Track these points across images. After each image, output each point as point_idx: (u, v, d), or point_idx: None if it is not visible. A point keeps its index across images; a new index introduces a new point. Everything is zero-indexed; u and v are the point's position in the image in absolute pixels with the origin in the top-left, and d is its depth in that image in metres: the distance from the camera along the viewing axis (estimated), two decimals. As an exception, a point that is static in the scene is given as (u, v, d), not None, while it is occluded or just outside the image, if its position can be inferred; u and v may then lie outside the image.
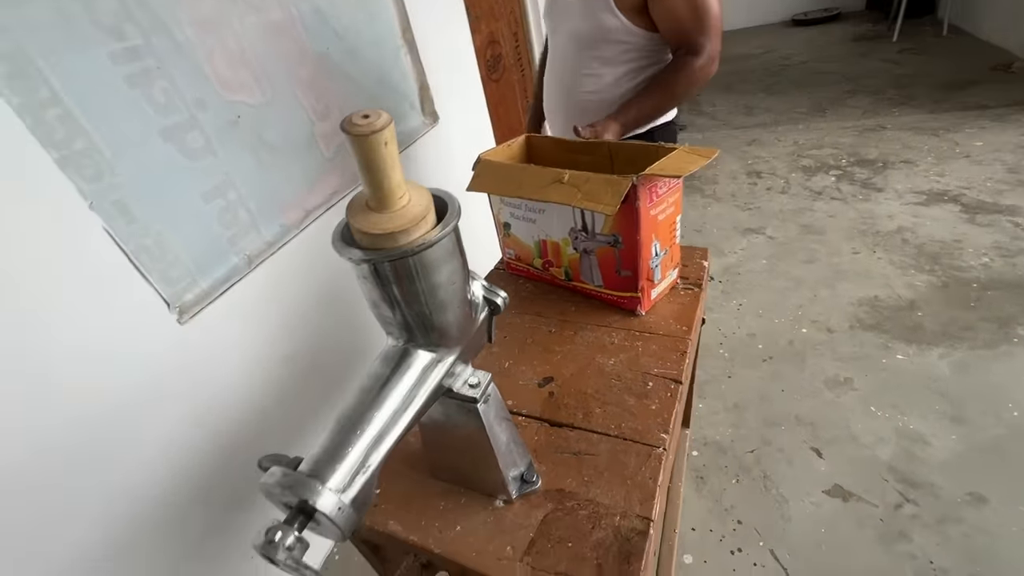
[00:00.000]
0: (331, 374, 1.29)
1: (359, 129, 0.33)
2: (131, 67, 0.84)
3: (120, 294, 0.82)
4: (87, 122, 0.78)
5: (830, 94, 3.47)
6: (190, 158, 0.93)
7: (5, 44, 0.68)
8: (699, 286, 0.86)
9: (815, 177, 2.56)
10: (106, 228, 0.80)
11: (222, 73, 0.99)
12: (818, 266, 1.97)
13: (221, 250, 1.00)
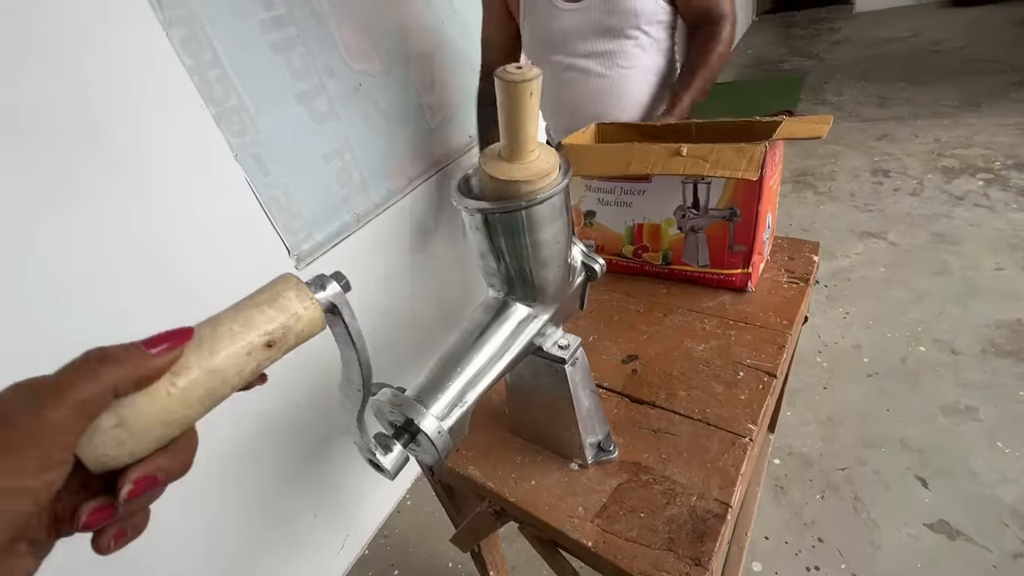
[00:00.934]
0: (422, 329, 1.37)
1: (512, 76, 0.35)
2: (276, 35, 0.93)
3: (251, 238, 0.93)
4: (239, 83, 0.88)
5: (989, 86, 2.99)
6: (317, 121, 1.02)
7: (183, 11, 0.79)
8: (806, 281, 0.80)
9: (957, 180, 2.24)
10: (246, 178, 0.91)
11: (349, 42, 1.07)
12: (949, 279, 1.73)
13: (335, 207, 1.09)
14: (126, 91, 0.73)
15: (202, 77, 0.83)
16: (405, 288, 1.30)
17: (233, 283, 0.90)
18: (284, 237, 0.99)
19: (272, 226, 0.96)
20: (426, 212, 1.34)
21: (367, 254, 1.18)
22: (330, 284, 0.28)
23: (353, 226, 1.13)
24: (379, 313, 1.23)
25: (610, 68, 1.02)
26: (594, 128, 0.89)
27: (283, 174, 0.98)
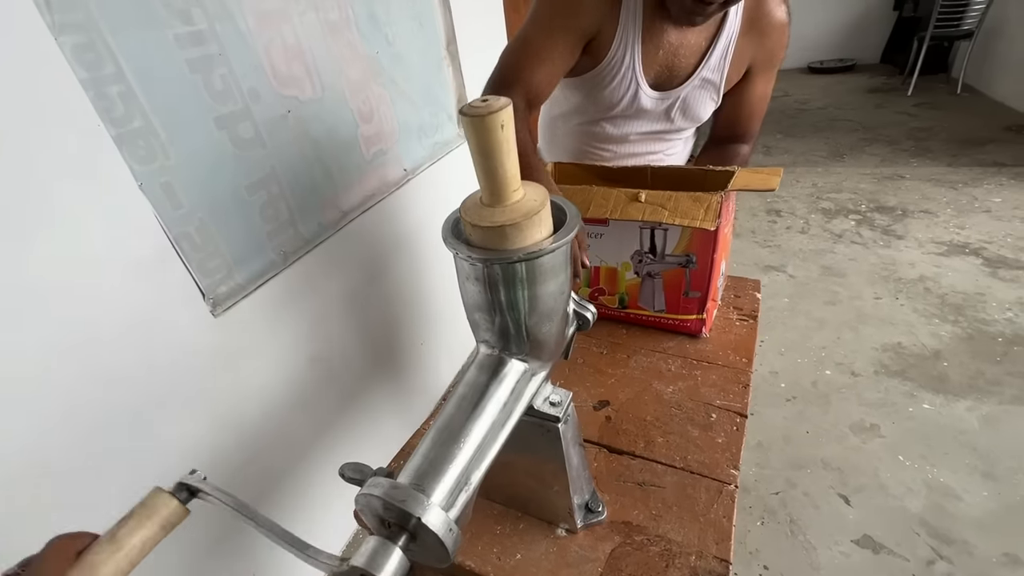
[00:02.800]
0: (353, 380, 1.25)
1: (476, 110, 0.32)
2: (194, 51, 0.82)
3: (158, 280, 0.79)
4: (147, 102, 0.76)
5: (848, 140, 3.51)
6: (240, 148, 0.91)
7: (78, 15, 0.67)
8: (754, 318, 0.84)
9: (835, 220, 2.57)
10: (154, 211, 0.78)
11: (277, 66, 0.98)
12: (841, 308, 1.95)
13: (259, 244, 0.97)
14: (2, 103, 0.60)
15: (99, 92, 0.70)
16: (334, 331, 1.19)
17: (142, 331, 0.76)
18: (198, 279, 0.85)
19: (184, 266, 0.83)
20: (360, 248, 1.25)
21: (295, 295, 1.06)
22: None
23: (280, 265, 1.01)
24: (306, 359, 1.10)
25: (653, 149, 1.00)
26: (551, 167, 0.88)
27: (198, 207, 0.85)
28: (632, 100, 0.87)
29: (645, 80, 0.84)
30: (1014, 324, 1.75)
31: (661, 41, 0.81)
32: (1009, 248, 2.16)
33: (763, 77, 0.90)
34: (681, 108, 0.89)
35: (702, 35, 0.82)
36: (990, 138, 3.22)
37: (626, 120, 0.92)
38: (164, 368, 0.81)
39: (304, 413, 1.10)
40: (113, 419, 0.74)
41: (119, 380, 0.74)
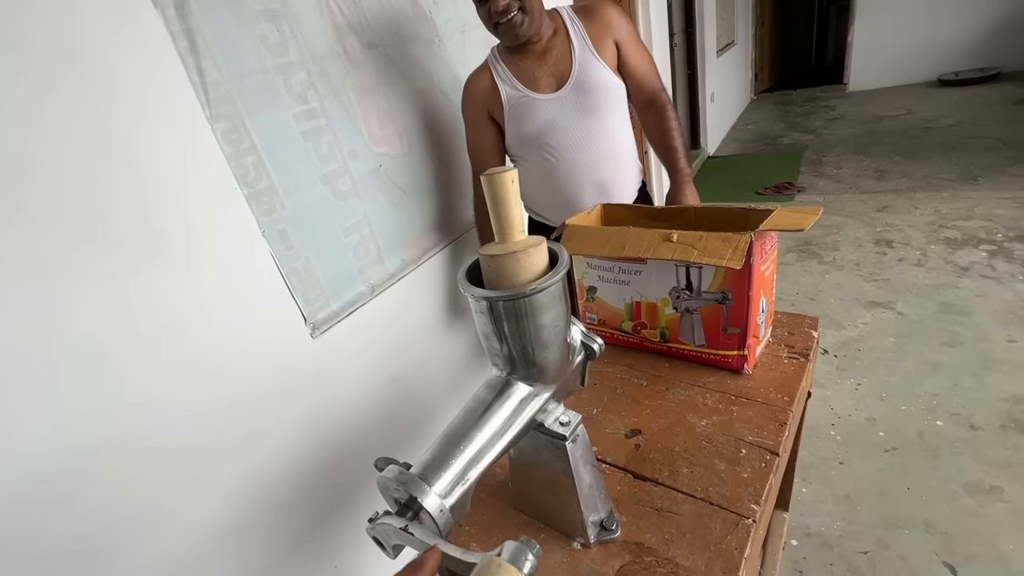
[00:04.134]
0: (425, 399, 1.38)
1: (494, 172, 0.44)
2: (308, 125, 1.03)
3: (271, 307, 0.98)
4: (271, 167, 0.97)
5: (985, 160, 3.09)
6: (339, 198, 1.10)
7: (228, 107, 0.89)
8: (806, 356, 0.82)
9: (961, 251, 2.27)
10: (271, 252, 0.97)
11: (372, 129, 1.18)
12: (961, 351, 1.72)
13: (351, 277, 1.15)
14: (171, 175, 0.81)
15: (239, 163, 0.91)
16: (413, 355, 1.33)
17: (251, 347, 0.95)
18: (302, 307, 1.04)
19: (292, 296, 1.02)
20: (438, 281, 1.40)
21: (380, 322, 1.22)
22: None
23: (367, 296, 1.18)
24: (385, 378, 1.25)
25: (597, 139, 1.17)
26: (599, 209, 0.95)
27: (305, 247, 1.04)
28: (538, 113, 1.15)
29: (539, 93, 1.14)
30: None
31: (533, 69, 1.14)
32: None
33: (634, 45, 1.17)
34: (578, 84, 1.13)
35: (559, 47, 1.14)
36: None
37: (548, 127, 1.15)
38: (273, 375, 0.99)
39: (382, 423, 1.24)
40: (234, 412, 0.92)
41: (240, 380, 0.93)
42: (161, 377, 0.81)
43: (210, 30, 0.85)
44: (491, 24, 1.09)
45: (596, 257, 0.86)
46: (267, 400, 0.98)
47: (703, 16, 3.83)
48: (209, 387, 0.88)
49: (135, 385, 0.78)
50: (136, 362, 0.78)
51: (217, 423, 0.89)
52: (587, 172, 1.19)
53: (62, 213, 0.69)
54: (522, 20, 1.06)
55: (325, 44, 1.05)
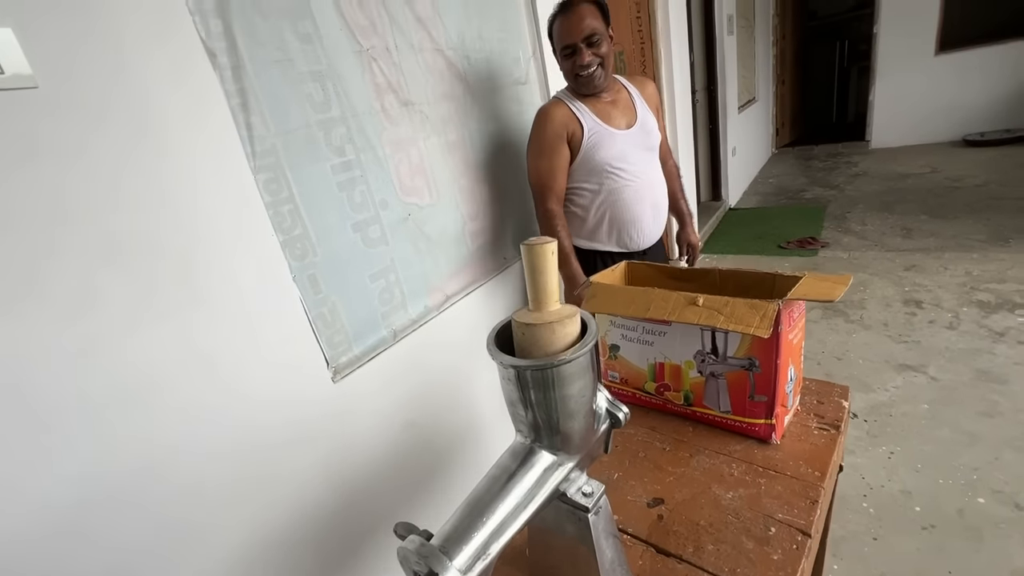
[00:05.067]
0: (440, 447, 1.36)
1: (535, 242, 0.45)
2: (344, 176, 1.08)
3: (297, 350, 1.00)
4: (306, 215, 1.01)
5: (1016, 222, 3.04)
6: (368, 246, 1.14)
7: (271, 159, 0.94)
8: (837, 428, 0.79)
9: (995, 315, 2.20)
10: (300, 297, 1.00)
11: (404, 180, 1.22)
12: (1001, 422, 1.64)
13: (375, 323, 1.17)
14: (214, 224, 0.85)
15: (276, 211, 0.95)
16: (430, 403, 1.32)
17: (275, 390, 0.95)
18: (325, 350, 1.05)
19: (316, 340, 1.03)
20: (459, 329, 1.41)
21: (400, 368, 1.22)
22: None
23: (389, 341, 1.19)
24: (402, 424, 1.24)
25: (654, 171, 1.44)
26: (623, 267, 0.96)
27: (332, 292, 1.07)
28: (615, 143, 1.35)
29: (618, 130, 1.36)
30: None
31: (608, 110, 1.36)
32: None
33: (658, 116, 1.47)
34: (643, 126, 1.39)
35: (624, 100, 1.41)
36: None
37: (621, 156, 1.36)
38: (293, 419, 0.99)
39: (395, 470, 1.22)
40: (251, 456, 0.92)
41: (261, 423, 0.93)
42: (185, 419, 0.82)
43: (262, 90, 0.91)
44: (572, 75, 1.32)
45: (620, 316, 0.86)
46: (285, 445, 0.98)
47: (724, 74, 3.95)
48: (228, 430, 0.89)
49: (163, 425, 0.79)
50: (165, 403, 0.79)
51: (231, 468, 0.89)
52: (648, 194, 1.42)
53: (121, 254, 0.73)
54: (601, 74, 1.30)
55: (365, 102, 1.11)
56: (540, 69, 1.68)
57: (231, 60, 0.87)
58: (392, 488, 1.22)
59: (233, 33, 0.87)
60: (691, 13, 3.47)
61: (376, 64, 1.13)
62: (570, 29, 1.25)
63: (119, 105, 0.73)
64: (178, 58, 0.80)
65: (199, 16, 0.82)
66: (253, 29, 0.90)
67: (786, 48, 5.94)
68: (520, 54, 1.60)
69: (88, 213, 0.70)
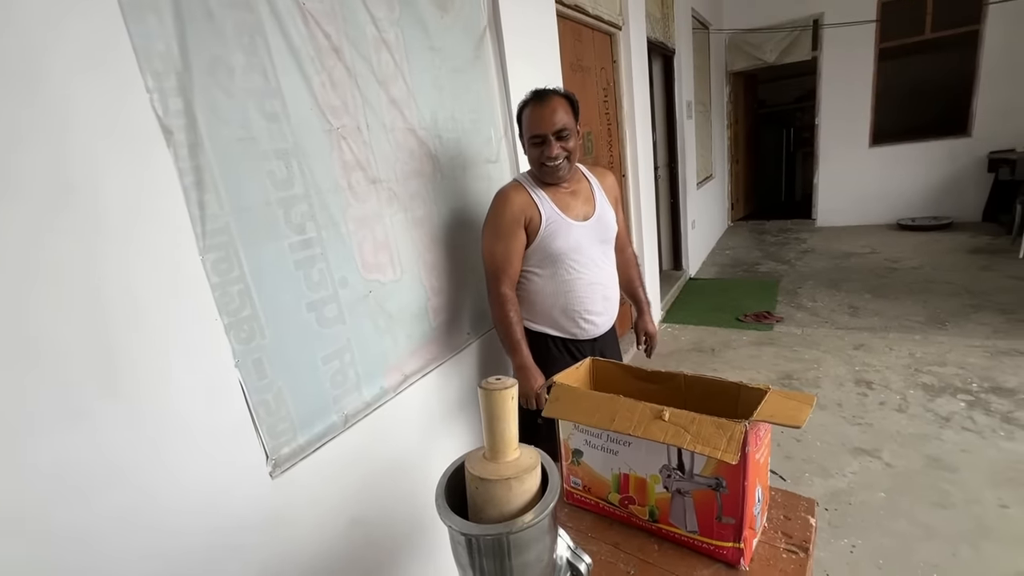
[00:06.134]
0: (386, 546, 1.24)
1: (494, 386, 0.40)
2: (302, 254, 1.03)
3: (232, 444, 0.90)
4: (257, 295, 0.94)
5: (949, 306, 3.25)
6: (323, 325, 1.08)
7: (223, 239, 0.88)
8: (805, 550, 0.75)
9: (940, 399, 2.29)
10: (241, 382, 0.92)
11: (367, 257, 1.18)
12: (954, 513, 1.65)
13: (324, 407, 1.08)
14: (148, 306, 0.78)
15: (224, 292, 0.89)
16: (379, 495, 1.22)
17: (203, 493, 0.85)
18: (266, 442, 0.96)
19: (256, 430, 0.94)
20: (414, 412, 1.33)
21: (349, 458, 1.13)
22: None
23: (339, 428, 1.11)
24: (347, 521, 1.13)
25: (607, 263, 1.44)
26: (588, 364, 0.93)
27: (279, 377, 0.99)
28: (571, 234, 1.34)
29: (576, 221, 1.35)
30: None
31: (567, 200, 1.37)
32: None
33: (617, 207, 1.49)
34: (600, 219, 1.39)
35: (584, 191, 1.41)
36: None
37: (576, 247, 1.35)
38: (224, 526, 0.88)
39: (335, 574, 1.10)
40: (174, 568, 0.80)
41: (186, 531, 0.82)
42: (92, 533, 0.71)
43: (220, 167, 0.88)
44: (538, 164, 1.32)
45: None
46: (213, 553, 0.86)
47: (684, 153, 4.20)
48: (149, 542, 0.78)
49: (62, 541, 0.68)
50: (65, 517, 0.68)
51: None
52: (600, 287, 1.41)
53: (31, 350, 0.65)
54: (566, 167, 1.32)
55: (330, 179, 1.09)
56: (511, 148, 1.72)
57: (188, 138, 0.83)
58: (329, 597, 1.09)
59: (194, 111, 0.84)
60: (654, 98, 3.72)
61: (345, 142, 1.12)
62: (541, 120, 1.27)
63: (46, 181, 0.67)
64: (126, 134, 0.75)
65: (157, 94, 0.79)
66: (216, 107, 0.87)
67: (739, 131, 6.43)
68: (492, 134, 1.64)
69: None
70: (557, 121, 1.26)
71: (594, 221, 1.38)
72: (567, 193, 1.37)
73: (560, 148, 1.28)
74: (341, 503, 1.11)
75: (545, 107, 1.27)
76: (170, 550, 0.81)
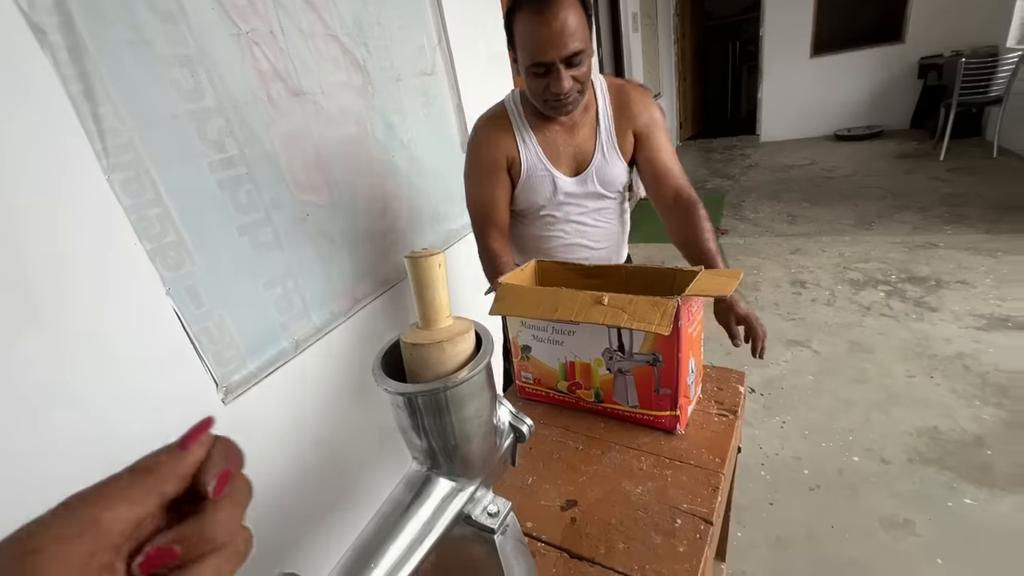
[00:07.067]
0: (356, 464, 1.29)
1: (419, 254, 0.41)
2: (224, 174, 0.96)
3: (176, 372, 0.88)
4: (179, 219, 0.89)
5: (876, 208, 3.47)
6: (259, 250, 1.03)
7: (129, 157, 0.81)
8: (734, 413, 0.83)
9: (863, 291, 2.50)
10: (176, 311, 0.88)
11: (298, 177, 1.12)
12: (869, 387, 1.86)
13: (273, 334, 1.07)
14: (51, 231, 0.72)
15: (141, 215, 0.83)
16: (343, 416, 1.24)
17: (150, 421, 0.84)
18: (213, 369, 0.94)
19: (200, 359, 0.92)
20: (373, 333, 1.33)
21: (304, 381, 1.13)
22: None
23: (291, 353, 1.10)
24: (311, 443, 1.15)
25: (600, 220, 1.18)
26: (534, 265, 0.94)
27: (218, 304, 0.96)
28: (555, 190, 1.12)
29: (560, 172, 1.11)
30: (1067, 408, 1.62)
31: (558, 144, 1.09)
32: (1057, 322, 2.03)
33: (657, 136, 1.11)
34: (596, 179, 1.11)
35: (587, 128, 1.10)
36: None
37: (560, 205, 1.14)
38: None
39: (307, 495, 1.13)
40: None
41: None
42: (40, 457, 0.69)
43: (110, 74, 0.78)
44: (541, 100, 1.00)
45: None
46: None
47: (631, 69, 4.11)
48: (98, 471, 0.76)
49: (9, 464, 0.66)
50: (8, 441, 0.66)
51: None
52: (584, 248, 1.19)
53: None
54: (577, 100, 0.99)
55: (246, 90, 1.00)
56: (447, 60, 1.63)
57: (67, 39, 0.73)
58: (303, 515, 1.13)
59: (68, 6, 0.73)
60: (598, 9, 3.56)
61: (258, 48, 1.02)
62: (546, 40, 0.89)
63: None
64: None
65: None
66: (94, 3, 0.76)
67: (686, 46, 6.31)
68: (424, 42, 1.53)
69: None
70: (569, 41, 0.88)
71: (586, 176, 1.10)
72: (563, 130, 1.09)
73: (571, 79, 0.94)
74: (301, 426, 1.13)
75: (550, 18, 0.87)
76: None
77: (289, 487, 1.10)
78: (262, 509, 1.04)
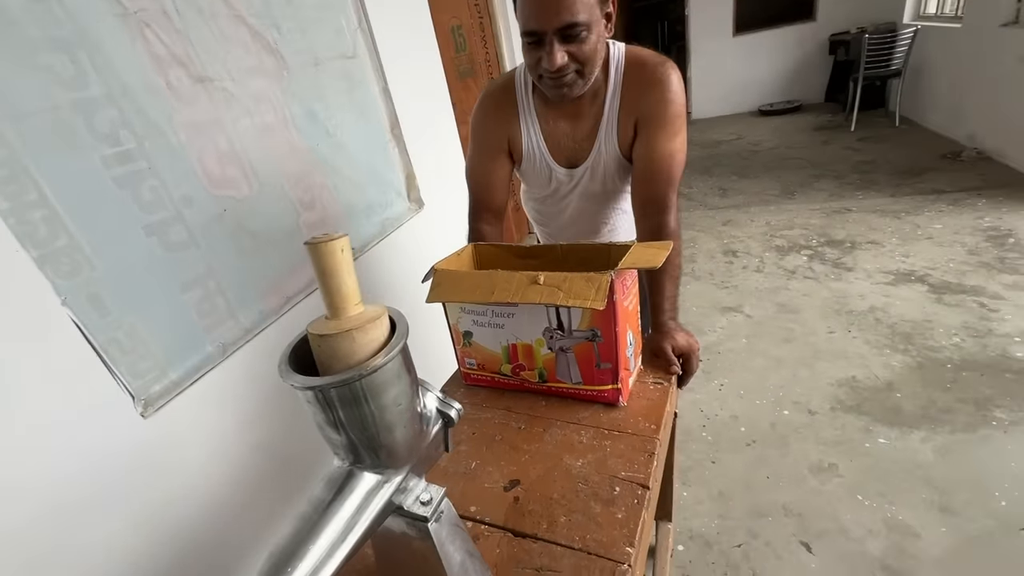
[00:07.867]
0: (305, 460, 1.24)
1: (319, 239, 0.39)
2: (122, 169, 0.88)
3: (83, 390, 0.81)
4: (71, 221, 0.81)
5: (798, 178, 3.69)
6: (171, 251, 0.96)
7: (2, 153, 0.72)
8: (669, 381, 0.86)
9: (788, 256, 2.66)
10: (76, 321, 0.80)
11: (211, 171, 1.04)
12: (796, 345, 1.99)
13: (196, 339, 1.00)
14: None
15: (21, 219, 0.75)
16: (281, 418, 1.19)
17: (56, 446, 0.76)
18: (127, 382, 0.87)
19: (110, 372, 0.85)
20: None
21: (235, 386, 1.07)
22: None
23: (217, 358, 1.03)
24: (249, 448, 1.10)
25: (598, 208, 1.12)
26: (471, 249, 0.93)
27: (127, 312, 0.88)
28: (552, 180, 1.07)
29: (557, 163, 1.04)
30: (961, 350, 1.80)
31: (560, 133, 1.01)
32: (952, 273, 2.24)
33: (653, 132, 0.93)
34: (591, 176, 1.04)
35: (591, 119, 0.99)
36: (928, 166, 3.40)
37: (557, 198, 1.11)
38: (92, 475, 0.81)
39: (247, 508, 1.08)
40: (38, 529, 0.73)
41: (45, 489, 0.74)
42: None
43: (-34, 61, 0.69)
44: (535, 75, 0.89)
45: (468, 302, 0.83)
46: (84, 508, 0.80)
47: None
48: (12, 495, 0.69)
49: None
50: None
51: (15, 547, 0.70)
52: (576, 231, 1.17)
53: None
54: (579, 85, 0.88)
55: (140, 77, 0.91)
56: (369, 42, 1.56)
57: (-96, 19, 0.64)
58: (249, 524, 1.08)
59: (-98, -19, 0.63)
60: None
61: (150, 30, 0.93)
62: (538, 6, 0.79)
63: None
64: None
65: None
66: (-62, -23, 0.67)
67: (616, 26, 6.38)
68: (343, 24, 1.46)
69: None
70: (563, 11, 0.78)
71: (582, 170, 1.02)
72: (566, 119, 0.98)
73: (565, 55, 0.82)
74: (237, 430, 1.07)
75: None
76: (31, 507, 0.73)
77: (228, 496, 1.04)
78: (203, 522, 0.98)
